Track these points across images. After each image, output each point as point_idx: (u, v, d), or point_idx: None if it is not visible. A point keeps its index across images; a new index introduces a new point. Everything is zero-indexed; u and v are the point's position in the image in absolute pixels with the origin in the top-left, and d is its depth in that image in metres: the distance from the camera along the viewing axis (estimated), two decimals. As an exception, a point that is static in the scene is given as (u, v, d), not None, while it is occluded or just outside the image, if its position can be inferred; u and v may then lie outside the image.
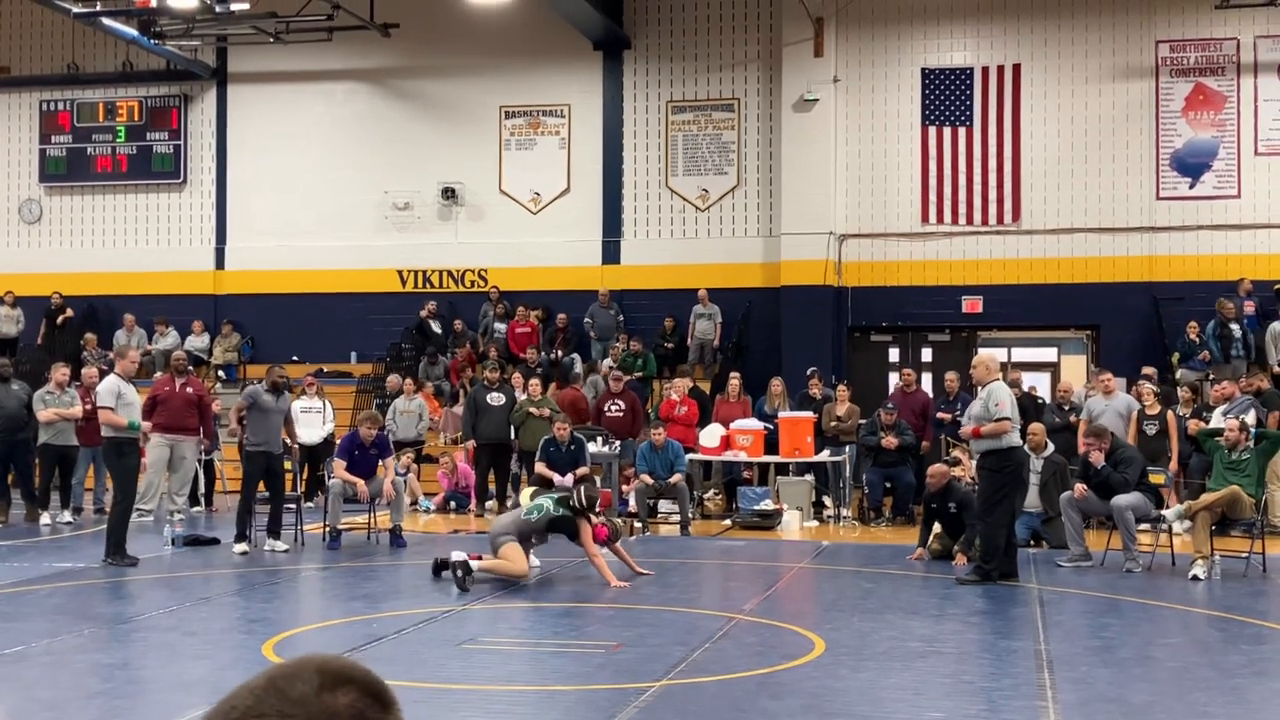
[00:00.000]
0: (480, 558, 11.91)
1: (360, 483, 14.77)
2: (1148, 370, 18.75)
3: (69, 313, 25.08)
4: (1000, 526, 12.19)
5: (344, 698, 1.39)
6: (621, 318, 23.31)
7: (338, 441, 16.60)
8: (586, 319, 23.36)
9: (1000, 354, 23.24)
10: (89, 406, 15.98)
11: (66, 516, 17.06)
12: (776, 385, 19.53)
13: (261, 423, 14.23)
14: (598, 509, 12.84)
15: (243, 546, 14.02)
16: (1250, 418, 15.24)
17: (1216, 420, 15.58)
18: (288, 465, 16.49)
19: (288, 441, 14.95)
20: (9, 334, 24.98)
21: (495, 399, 18.48)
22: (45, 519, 16.75)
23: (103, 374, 15.14)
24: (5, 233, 26.79)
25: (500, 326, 23.53)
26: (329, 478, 15.35)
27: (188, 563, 13.50)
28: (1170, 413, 16.90)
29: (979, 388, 12.66)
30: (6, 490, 17.08)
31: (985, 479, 12.44)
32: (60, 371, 17.09)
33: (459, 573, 11.52)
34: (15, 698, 7.56)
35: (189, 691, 7.80)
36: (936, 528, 14.09)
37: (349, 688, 1.41)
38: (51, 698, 7.65)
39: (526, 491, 13.79)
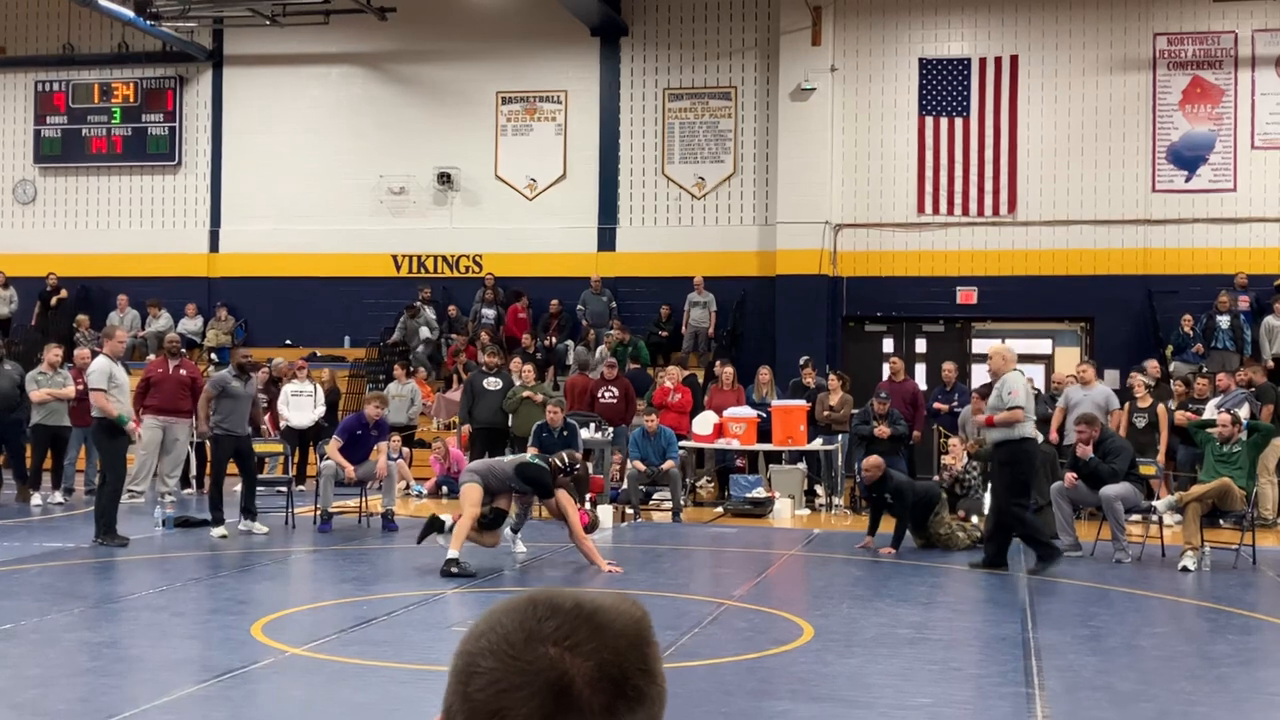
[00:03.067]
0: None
1: (349, 467, 14.70)
2: (1151, 364, 18.68)
3: (63, 294, 25.06)
4: (1021, 519, 12.15)
5: (579, 665, 1.28)
6: (614, 304, 23.31)
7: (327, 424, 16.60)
8: (579, 305, 23.36)
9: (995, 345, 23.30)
10: (81, 387, 15.97)
11: (58, 497, 17.05)
12: (764, 374, 19.54)
13: (229, 407, 14.22)
14: (588, 495, 12.84)
15: (221, 530, 13.90)
16: (1244, 411, 15.27)
17: (1209, 412, 15.60)
18: (278, 448, 16.53)
19: (264, 425, 14.96)
20: (2, 315, 24.95)
21: (492, 384, 18.44)
22: (36, 499, 16.74)
23: (94, 355, 15.13)
24: (-1, 213, 26.76)
25: (488, 312, 23.51)
26: (321, 459, 15.33)
27: (178, 544, 13.50)
28: (1161, 406, 16.92)
29: (996, 378, 12.66)
30: (-2, 470, 17.10)
31: (1001, 471, 12.40)
32: (53, 352, 17.07)
33: (454, 569, 11.44)
34: (4, 674, 7.56)
35: (177, 670, 7.82)
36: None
37: (587, 663, 1.29)
38: (40, 675, 7.66)
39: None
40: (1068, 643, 8.98)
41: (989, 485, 15.91)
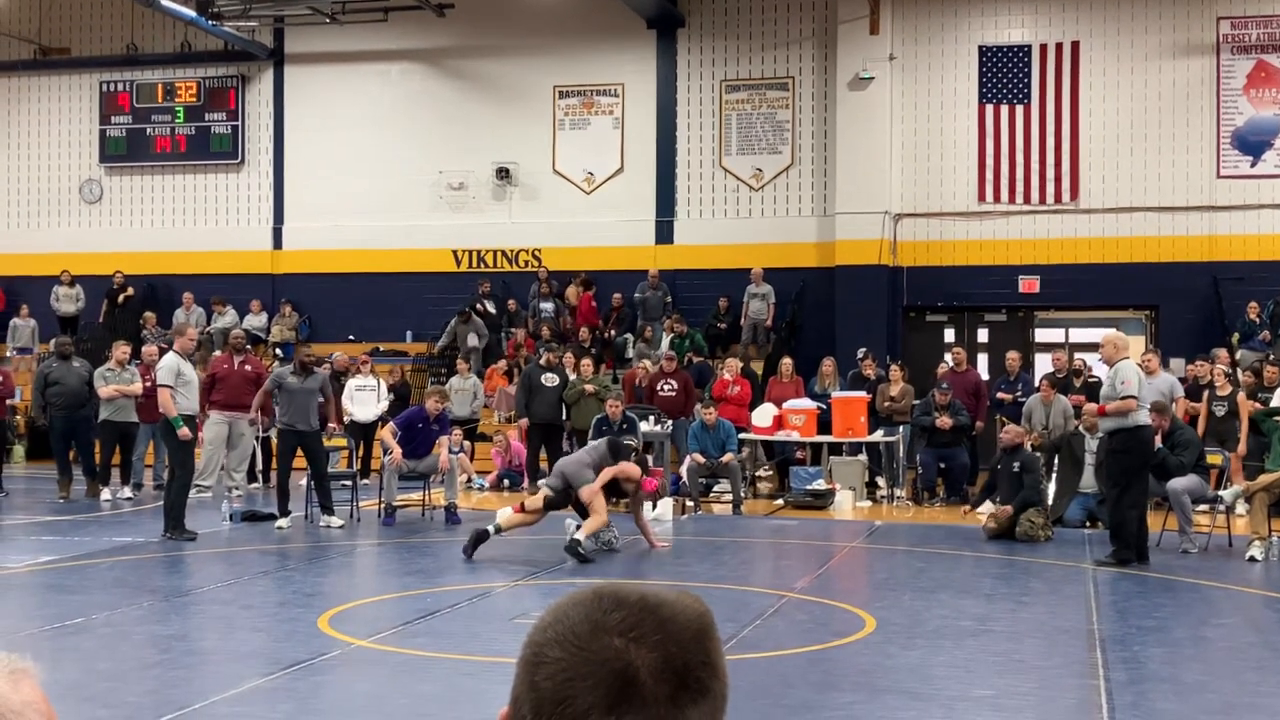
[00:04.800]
0: (523, 506, 12.50)
1: (397, 450, 14.78)
2: (1220, 354, 18.43)
3: (130, 292, 25.40)
4: (1130, 508, 11.94)
5: (644, 656, 1.31)
6: (670, 299, 23.28)
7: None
8: (637, 295, 23.32)
9: (1058, 335, 23.13)
10: (149, 384, 16.20)
11: (126, 492, 17.30)
12: (827, 365, 19.51)
13: (288, 403, 14.42)
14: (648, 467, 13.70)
15: (283, 522, 14.24)
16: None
17: (1277, 400, 15.38)
18: (342, 442, 16.68)
19: (331, 421, 15.10)
20: (69, 312, 25.35)
21: (549, 379, 18.57)
22: (106, 494, 16.98)
23: (162, 352, 15.34)
24: (66, 212, 27.15)
25: (546, 306, 23.58)
26: (385, 454, 15.48)
27: (245, 537, 13.68)
28: (1241, 394, 16.67)
29: (1109, 365, 12.54)
30: (68, 466, 17.35)
31: (1112, 460, 12.27)
32: (120, 349, 17.31)
33: (580, 545, 12.00)
34: (76, 668, 7.70)
35: (245, 663, 7.93)
36: (988, 507, 14.11)
37: (654, 655, 1.31)
38: (111, 668, 7.79)
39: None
40: (1133, 634, 8.92)
41: (1054, 476, 15.83)
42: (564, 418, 18.68)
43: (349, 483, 15.47)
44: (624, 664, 1.30)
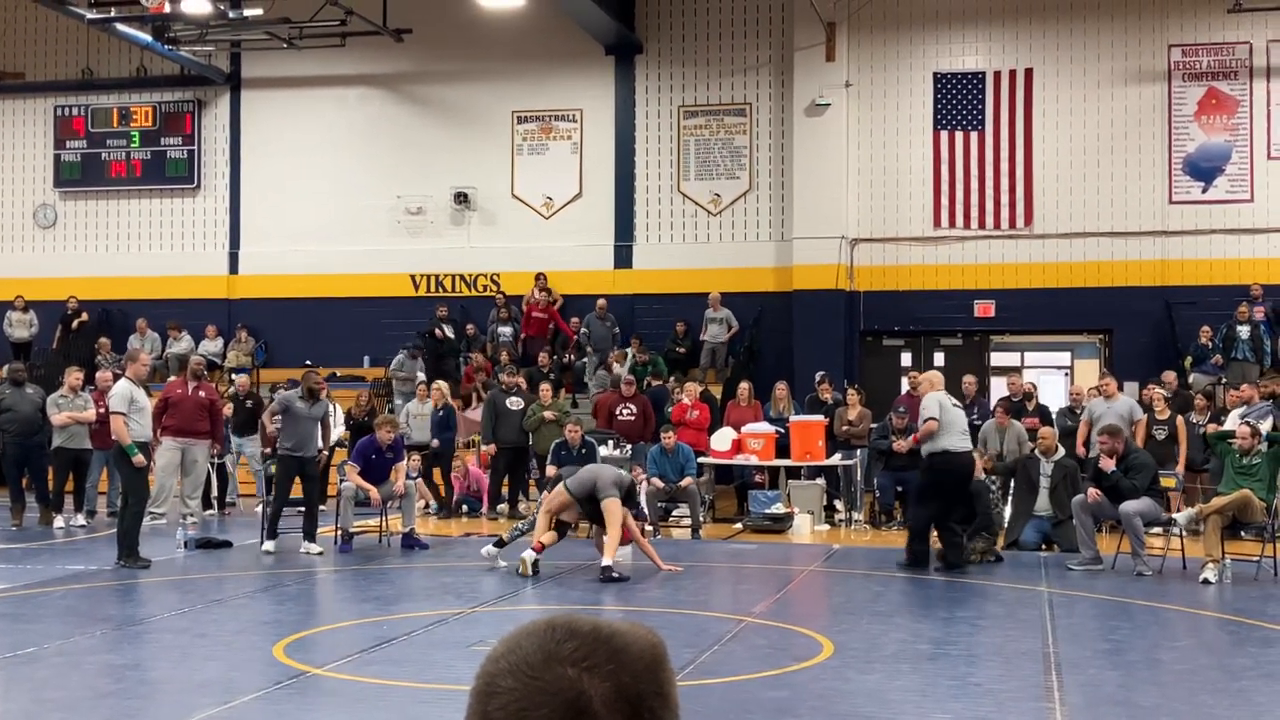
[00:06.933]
0: (542, 548, 12.59)
1: (373, 490, 14.80)
2: (1167, 376, 18.65)
3: (84, 317, 25.18)
4: (920, 519, 13.60)
5: (597, 686, 1.32)
6: (617, 330, 23.22)
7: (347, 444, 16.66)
8: (583, 329, 23.26)
9: (1013, 358, 23.28)
10: (102, 410, 16.04)
11: (80, 519, 17.14)
12: (780, 389, 19.54)
13: (293, 428, 14.43)
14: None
15: (269, 545, 14.29)
16: (1267, 424, 15.19)
17: (1232, 423, 15.55)
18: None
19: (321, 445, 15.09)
20: (23, 338, 25.09)
21: (514, 403, 18.54)
22: (59, 522, 16.82)
23: (116, 378, 15.22)
24: (20, 237, 26.92)
25: (505, 330, 23.53)
26: (341, 481, 15.41)
27: (200, 565, 13.57)
28: (1180, 418, 16.85)
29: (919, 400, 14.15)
30: (21, 493, 17.16)
31: (920, 477, 13.92)
32: (74, 375, 17.15)
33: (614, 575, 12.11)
34: (27, 698, 7.61)
35: (200, 692, 7.84)
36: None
37: (607, 685, 1.33)
38: (63, 698, 7.70)
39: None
40: (1088, 657, 8.97)
41: (1008, 499, 15.93)
42: (529, 441, 18.67)
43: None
44: (576, 694, 1.31)
